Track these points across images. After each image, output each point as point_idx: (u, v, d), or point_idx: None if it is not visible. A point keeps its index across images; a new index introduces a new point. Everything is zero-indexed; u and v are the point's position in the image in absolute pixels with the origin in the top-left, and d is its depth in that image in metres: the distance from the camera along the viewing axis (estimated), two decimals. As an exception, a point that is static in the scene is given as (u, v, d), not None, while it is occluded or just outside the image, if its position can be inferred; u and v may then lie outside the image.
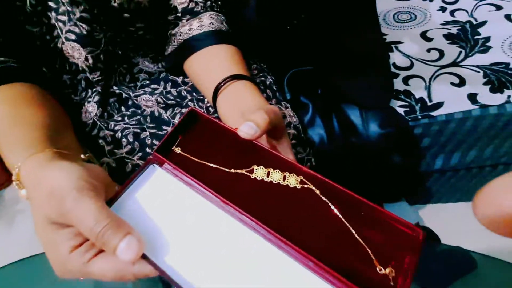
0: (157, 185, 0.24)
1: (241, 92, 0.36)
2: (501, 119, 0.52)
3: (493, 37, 0.61)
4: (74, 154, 0.28)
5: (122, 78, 0.46)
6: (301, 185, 0.23)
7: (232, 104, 0.36)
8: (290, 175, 0.24)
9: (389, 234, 0.20)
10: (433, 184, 0.76)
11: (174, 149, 0.26)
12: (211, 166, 0.25)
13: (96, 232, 0.20)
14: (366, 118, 0.48)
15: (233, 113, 0.35)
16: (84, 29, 0.37)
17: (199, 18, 0.43)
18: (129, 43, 0.45)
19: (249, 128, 0.25)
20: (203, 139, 0.27)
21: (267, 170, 0.24)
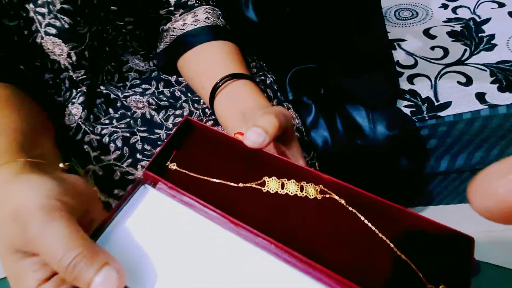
0: (151, 209, 0.21)
1: (241, 92, 0.33)
2: (510, 120, 0.50)
3: (497, 34, 0.59)
4: (50, 164, 0.25)
5: (110, 77, 0.43)
6: (322, 195, 0.20)
7: (232, 105, 0.32)
8: (307, 185, 0.20)
9: (434, 244, 0.17)
10: (437, 186, 0.74)
11: (168, 166, 0.23)
12: (214, 182, 0.21)
13: (64, 264, 0.16)
14: (373, 119, 0.45)
15: (232, 115, 0.32)
16: (66, 23, 0.34)
17: (194, 13, 0.40)
18: (117, 39, 0.41)
19: (257, 136, 0.21)
20: (202, 152, 0.23)
21: (280, 181, 0.21)
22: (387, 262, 0.17)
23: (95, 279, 0.16)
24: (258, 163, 0.22)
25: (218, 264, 0.18)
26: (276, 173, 0.21)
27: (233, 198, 0.21)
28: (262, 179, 0.21)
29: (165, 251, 0.19)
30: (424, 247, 0.17)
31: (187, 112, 0.41)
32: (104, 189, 0.34)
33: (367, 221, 0.18)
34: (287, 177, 0.21)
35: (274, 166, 0.22)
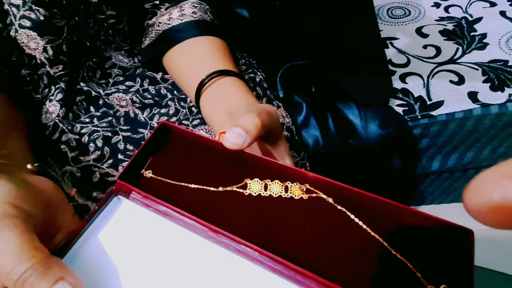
0: (125, 221, 0.19)
1: (228, 90, 0.32)
2: (502, 119, 0.50)
3: (489, 33, 0.59)
4: (16, 164, 0.23)
5: (91, 73, 0.41)
6: (308, 195, 0.19)
7: (218, 103, 0.31)
8: (292, 185, 0.19)
9: (431, 241, 0.16)
10: (428, 186, 0.74)
11: (144, 174, 0.21)
12: (192, 188, 0.20)
13: (14, 278, 0.14)
14: (365, 117, 0.44)
15: (219, 114, 0.30)
16: (41, 15, 0.32)
17: (180, 7, 0.38)
18: (99, 34, 0.39)
19: (237, 137, 0.20)
20: (180, 157, 0.22)
21: (263, 183, 0.19)
22: (382, 264, 0.16)
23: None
24: (239, 165, 0.21)
25: (198, 277, 0.17)
26: (259, 174, 0.20)
27: (213, 203, 0.19)
28: (243, 181, 0.20)
29: (141, 266, 0.17)
30: (420, 245, 0.16)
31: (173, 111, 0.39)
32: (82, 192, 0.32)
33: (358, 219, 0.17)
34: (270, 177, 0.20)
35: (256, 167, 0.20)
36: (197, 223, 0.18)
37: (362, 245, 0.16)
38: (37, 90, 0.38)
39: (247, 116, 0.22)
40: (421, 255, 0.16)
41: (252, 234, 0.17)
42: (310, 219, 0.18)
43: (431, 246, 0.16)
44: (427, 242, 0.16)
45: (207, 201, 0.19)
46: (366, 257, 0.16)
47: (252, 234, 0.17)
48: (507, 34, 0.58)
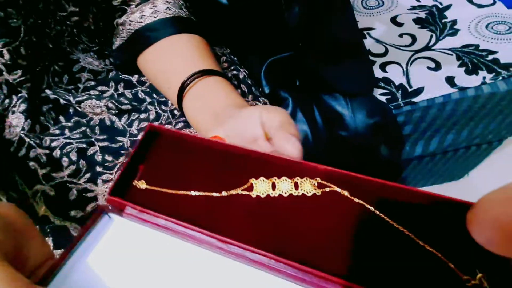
0: (119, 241, 0.17)
1: (213, 90, 0.30)
2: (478, 101, 0.52)
3: (459, 20, 0.61)
4: None
5: (57, 79, 0.37)
6: (321, 190, 0.17)
7: (203, 105, 0.29)
8: (302, 180, 0.17)
9: (459, 228, 0.14)
10: (411, 171, 0.76)
11: (136, 185, 0.19)
12: (193, 196, 0.18)
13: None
14: (352, 107, 0.44)
15: (204, 116, 0.28)
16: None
17: (152, 3, 0.35)
18: (62, 34, 0.35)
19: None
20: (174, 162, 0.19)
21: (270, 181, 0.17)
22: (412, 258, 0.14)
23: None
24: (241, 164, 0.19)
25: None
26: (264, 173, 0.18)
27: (218, 211, 0.17)
28: (248, 182, 0.18)
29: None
30: (448, 233, 0.15)
31: (154, 116, 0.37)
32: (58, 212, 0.29)
33: (379, 212, 0.16)
34: (277, 175, 0.18)
35: (259, 164, 0.18)
36: (203, 235, 0.16)
37: (387, 240, 0.15)
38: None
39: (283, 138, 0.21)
40: (450, 244, 0.14)
41: (265, 241, 0.15)
42: (327, 216, 0.16)
43: (460, 233, 0.14)
44: (455, 230, 0.15)
45: (211, 208, 0.17)
46: (393, 253, 0.15)
47: (266, 241, 0.15)
48: (476, 20, 0.60)
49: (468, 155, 0.74)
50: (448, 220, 0.15)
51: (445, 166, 0.78)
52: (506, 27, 0.58)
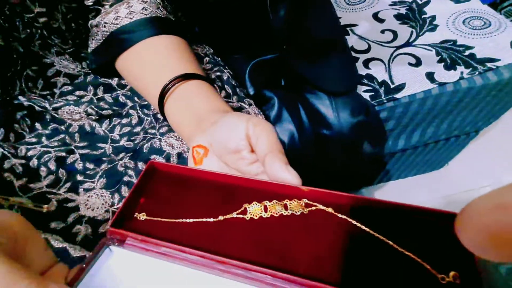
0: (120, 273, 0.17)
1: (195, 95, 0.29)
2: (456, 95, 0.54)
3: (438, 15, 0.62)
4: None
5: (31, 84, 0.35)
6: (308, 209, 0.19)
7: (185, 110, 0.28)
8: (291, 202, 0.19)
9: (429, 231, 0.16)
10: (395, 163, 0.78)
11: (137, 217, 0.20)
12: (191, 222, 0.19)
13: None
14: (336, 106, 0.45)
15: (187, 121, 0.28)
16: None
17: (127, 3, 0.34)
18: (33, 37, 0.34)
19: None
20: (171, 193, 0.21)
21: (262, 205, 0.19)
22: (392, 262, 0.16)
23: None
24: (234, 191, 0.20)
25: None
26: (256, 198, 0.20)
27: (215, 234, 0.18)
28: (242, 206, 0.19)
29: None
30: (423, 237, 0.16)
31: (136, 120, 0.36)
32: (38, 224, 0.27)
33: (360, 224, 0.17)
34: (268, 198, 0.19)
35: (251, 190, 0.20)
36: (202, 258, 0.17)
37: (370, 248, 0.17)
38: None
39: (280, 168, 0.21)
40: (425, 248, 0.16)
41: (261, 259, 0.17)
42: (315, 232, 0.18)
43: (433, 237, 0.16)
44: (428, 234, 0.16)
45: (209, 233, 0.19)
46: (376, 259, 0.16)
47: (262, 259, 0.17)
48: (453, 15, 0.62)
49: (447, 146, 0.77)
50: (422, 226, 0.16)
51: (427, 157, 0.81)
52: (482, 22, 0.60)
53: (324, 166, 0.49)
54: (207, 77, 0.32)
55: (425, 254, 0.15)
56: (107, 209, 0.29)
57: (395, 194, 0.91)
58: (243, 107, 0.38)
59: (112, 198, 0.30)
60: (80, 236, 0.28)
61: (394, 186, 0.93)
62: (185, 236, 0.18)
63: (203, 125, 0.26)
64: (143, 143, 0.34)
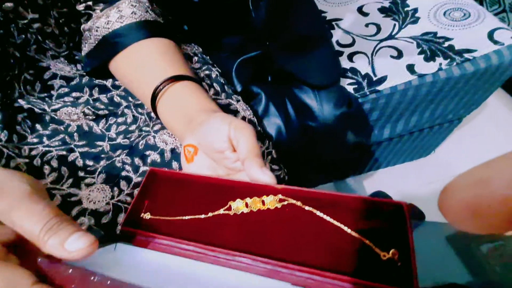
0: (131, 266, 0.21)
1: (184, 95, 0.32)
2: (436, 85, 0.57)
3: (420, 8, 0.64)
4: None
5: (29, 87, 0.37)
6: (281, 204, 0.22)
7: (176, 111, 0.31)
8: (267, 198, 0.23)
9: (377, 217, 0.20)
10: (383, 151, 0.81)
11: (143, 216, 0.24)
12: (186, 219, 0.23)
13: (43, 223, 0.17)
14: (320, 99, 0.47)
15: (178, 121, 0.30)
16: None
17: (117, 7, 0.35)
18: (27, 41, 0.35)
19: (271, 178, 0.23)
20: (170, 195, 0.25)
21: (244, 201, 0.23)
22: (347, 244, 0.19)
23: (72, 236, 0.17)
24: (220, 190, 0.24)
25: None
26: (238, 195, 0.23)
27: (207, 228, 0.22)
28: (227, 204, 0.23)
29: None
30: (371, 222, 0.20)
31: (131, 119, 0.38)
32: None
33: (323, 214, 0.21)
34: (249, 196, 0.23)
35: (234, 189, 0.24)
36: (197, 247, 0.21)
37: (329, 233, 0.20)
38: None
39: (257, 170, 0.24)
40: (372, 231, 0.20)
41: (244, 246, 0.20)
42: (287, 222, 0.21)
43: (379, 222, 0.20)
44: (375, 220, 0.20)
45: (202, 227, 0.22)
46: (335, 243, 0.20)
47: (244, 245, 0.20)
48: (435, 7, 0.64)
49: (432, 134, 0.80)
50: (371, 213, 0.20)
51: (413, 145, 0.84)
52: (462, 13, 0.62)
53: (311, 156, 0.52)
54: (196, 78, 0.34)
55: (372, 236, 0.19)
56: (107, 202, 0.32)
57: (385, 182, 0.95)
58: (231, 104, 0.40)
59: (112, 191, 0.32)
60: (84, 227, 0.30)
61: (384, 174, 0.97)
62: (183, 231, 0.22)
63: (192, 125, 0.29)
64: (138, 140, 0.36)
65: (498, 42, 0.56)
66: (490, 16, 0.61)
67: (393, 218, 0.19)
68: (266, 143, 0.42)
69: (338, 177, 0.74)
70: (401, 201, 0.19)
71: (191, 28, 0.46)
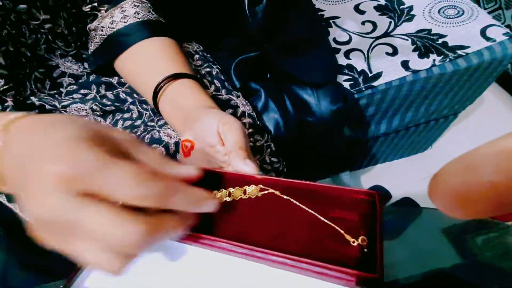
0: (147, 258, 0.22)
1: (182, 92, 0.33)
2: (430, 81, 0.58)
3: (415, 5, 0.66)
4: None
5: (40, 85, 0.39)
6: (262, 193, 0.24)
7: (175, 108, 0.33)
8: (249, 188, 0.24)
9: (350, 206, 0.21)
10: (380, 146, 0.83)
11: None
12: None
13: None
14: (317, 95, 0.49)
15: (177, 117, 0.32)
16: None
17: (121, 7, 0.37)
18: (38, 41, 0.37)
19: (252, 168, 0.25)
20: None
21: (227, 191, 0.24)
22: (321, 231, 0.21)
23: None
24: (207, 181, 0.25)
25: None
26: (223, 185, 0.25)
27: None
28: (212, 193, 0.25)
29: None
30: (343, 210, 0.22)
31: (136, 115, 0.40)
32: None
33: (298, 202, 0.22)
34: (233, 185, 0.24)
35: (220, 180, 0.25)
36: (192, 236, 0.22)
37: (304, 221, 0.22)
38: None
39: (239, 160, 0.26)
40: (345, 219, 0.21)
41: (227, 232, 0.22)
42: (265, 210, 0.23)
43: (352, 209, 0.21)
44: (349, 207, 0.22)
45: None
46: (309, 229, 0.21)
47: (227, 232, 0.22)
48: (429, 5, 0.66)
49: (428, 129, 0.82)
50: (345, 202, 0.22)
51: (410, 140, 0.86)
52: (456, 11, 0.64)
53: (308, 150, 0.53)
54: (195, 75, 0.36)
55: (344, 224, 0.21)
56: None
57: (382, 176, 0.97)
58: (232, 99, 0.42)
59: None
60: None
61: (382, 169, 0.99)
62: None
63: (189, 120, 0.31)
64: (144, 134, 0.38)
65: (491, 39, 0.58)
66: (484, 13, 0.62)
67: (366, 206, 0.21)
68: (266, 136, 0.44)
69: (336, 171, 0.76)
70: (374, 192, 0.21)
71: (189, 28, 0.48)
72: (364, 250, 0.19)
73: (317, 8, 0.68)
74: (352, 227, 0.20)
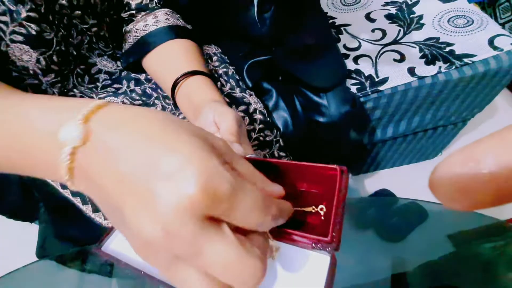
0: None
1: (194, 87, 0.38)
2: (435, 88, 0.61)
3: (425, 15, 0.68)
4: None
5: (80, 79, 0.45)
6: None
7: (187, 101, 0.37)
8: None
9: (317, 180, 0.23)
10: (387, 151, 0.85)
11: None
12: None
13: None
14: (327, 98, 0.53)
15: (188, 109, 0.37)
16: (33, 29, 0.36)
17: (154, 14, 0.43)
18: (83, 42, 0.43)
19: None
20: None
21: None
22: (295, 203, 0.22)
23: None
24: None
25: None
26: None
27: None
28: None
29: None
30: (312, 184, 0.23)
31: (160, 108, 0.45)
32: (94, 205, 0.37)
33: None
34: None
35: None
36: None
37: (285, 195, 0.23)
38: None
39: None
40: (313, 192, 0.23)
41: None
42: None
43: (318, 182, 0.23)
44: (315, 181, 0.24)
45: None
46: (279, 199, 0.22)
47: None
48: (439, 14, 0.68)
49: (436, 136, 0.83)
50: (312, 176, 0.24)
51: (418, 146, 0.87)
52: (465, 20, 0.66)
53: (315, 148, 0.57)
54: (208, 73, 0.40)
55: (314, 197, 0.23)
56: None
57: (391, 181, 0.98)
58: (245, 97, 0.47)
59: None
60: None
61: (390, 173, 1.00)
62: None
63: (197, 112, 0.35)
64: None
65: (498, 48, 0.59)
66: (493, 23, 0.64)
67: (331, 180, 0.22)
68: (275, 132, 0.48)
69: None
70: (337, 166, 0.22)
71: (209, 34, 0.53)
72: (322, 217, 0.21)
73: (329, 15, 0.71)
74: (318, 198, 0.23)
